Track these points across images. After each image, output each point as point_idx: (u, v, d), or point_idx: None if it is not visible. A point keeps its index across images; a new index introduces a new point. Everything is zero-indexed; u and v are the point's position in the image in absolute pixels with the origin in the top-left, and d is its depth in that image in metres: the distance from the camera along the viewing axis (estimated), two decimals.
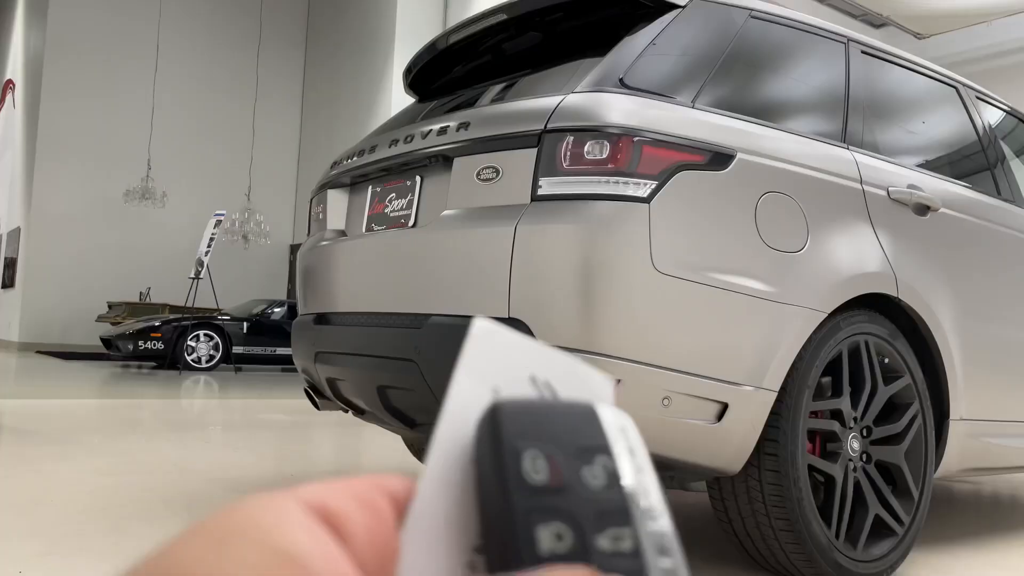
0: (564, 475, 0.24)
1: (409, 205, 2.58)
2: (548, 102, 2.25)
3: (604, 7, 2.63)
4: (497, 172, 2.27)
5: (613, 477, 0.25)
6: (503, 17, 2.78)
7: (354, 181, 2.93)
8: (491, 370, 0.28)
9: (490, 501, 0.24)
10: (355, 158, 2.92)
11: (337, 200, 2.97)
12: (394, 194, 2.67)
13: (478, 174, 2.31)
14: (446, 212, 2.38)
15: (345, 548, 0.22)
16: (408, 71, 3.29)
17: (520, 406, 0.26)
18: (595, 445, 0.26)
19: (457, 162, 2.39)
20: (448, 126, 2.48)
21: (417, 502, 0.25)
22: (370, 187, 2.81)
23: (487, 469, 0.25)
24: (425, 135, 2.55)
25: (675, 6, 2.47)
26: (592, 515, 0.24)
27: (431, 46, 3.13)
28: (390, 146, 2.71)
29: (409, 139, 2.62)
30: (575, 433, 0.26)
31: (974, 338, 2.71)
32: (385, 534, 0.24)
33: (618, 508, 0.24)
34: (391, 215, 2.65)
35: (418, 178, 2.58)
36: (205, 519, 0.21)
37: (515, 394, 0.28)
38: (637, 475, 0.25)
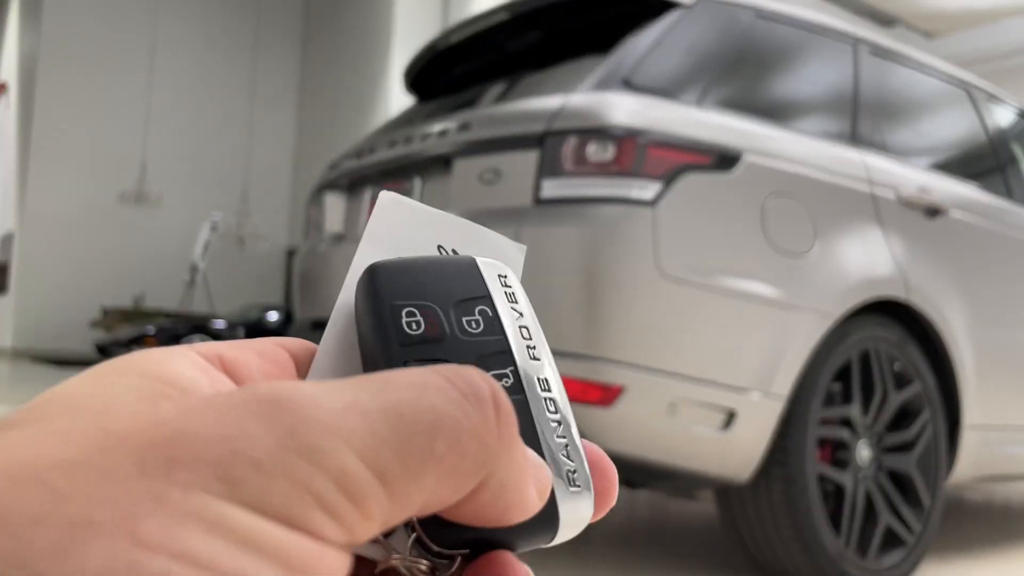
0: (443, 326, 0.25)
1: None
2: (550, 103, 2.20)
3: (607, 7, 2.58)
4: (498, 174, 2.22)
5: (492, 322, 0.26)
6: (505, 17, 2.74)
7: (352, 183, 2.87)
8: (396, 240, 0.28)
9: (371, 356, 0.25)
10: (353, 160, 2.87)
11: (335, 203, 2.92)
12: None
13: (479, 176, 2.26)
14: None
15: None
16: (409, 72, 3.24)
17: (398, 265, 0.26)
18: (475, 296, 0.26)
19: (458, 164, 2.34)
20: (448, 127, 2.43)
21: (317, 357, 0.26)
22: (369, 189, 2.76)
23: (365, 327, 0.25)
24: (425, 136, 2.51)
25: (680, 5, 2.42)
26: (473, 359, 0.24)
27: (432, 47, 3.08)
28: (389, 147, 2.66)
29: (409, 140, 2.58)
30: (454, 286, 0.26)
31: (987, 343, 2.66)
32: (284, 380, 0.24)
33: (498, 350, 0.25)
34: None
35: (418, 180, 2.53)
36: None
37: None
38: (517, 319, 0.26)
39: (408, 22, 13.43)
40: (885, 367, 2.37)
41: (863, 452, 2.30)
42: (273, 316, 11.81)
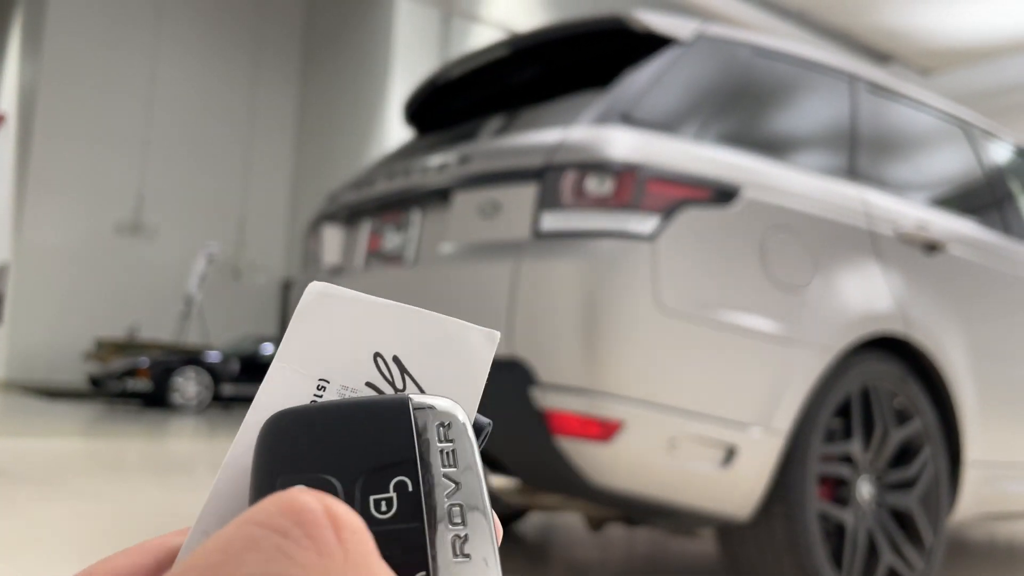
0: None
1: (407, 240, 2.52)
2: (550, 136, 2.21)
3: (606, 42, 2.60)
4: (497, 207, 2.22)
5: (409, 502, 0.19)
6: (504, 52, 2.76)
7: (351, 215, 2.87)
8: (320, 353, 0.22)
9: None
10: (352, 192, 2.87)
11: (333, 235, 2.91)
12: (392, 229, 2.61)
13: (478, 209, 2.26)
14: (445, 248, 2.32)
15: None
16: (409, 105, 3.26)
17: (299, 418, 0.20)
18: (394, 461, 0.20)
19: (457, 197, 2.34)
20: (448, 160, 2.44)
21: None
22: (368, 221, 2.76)
23: None
24: (424, 169, 2.51)
25: (679, 41, 2.44)
26: None
27: (432, 81, 3.10)
28: (388, 180, 2.66)
29: (408, 173, 2.58)
30: (371, 445, 0.20)
31: (989, 379, 2.65)
32: None
33: (409, 545, 0.19)
34: (388, 250, 2.59)
35: (417, 213, 2.52)
36: None
37: (349, 384, 0.22)
38: (449, 494, 0.20)
39: (406, 55, 13.55)
40: (885, 403, 2.36)
41: (864, 489, 2.28)
42: (268, 348, 11.75)
